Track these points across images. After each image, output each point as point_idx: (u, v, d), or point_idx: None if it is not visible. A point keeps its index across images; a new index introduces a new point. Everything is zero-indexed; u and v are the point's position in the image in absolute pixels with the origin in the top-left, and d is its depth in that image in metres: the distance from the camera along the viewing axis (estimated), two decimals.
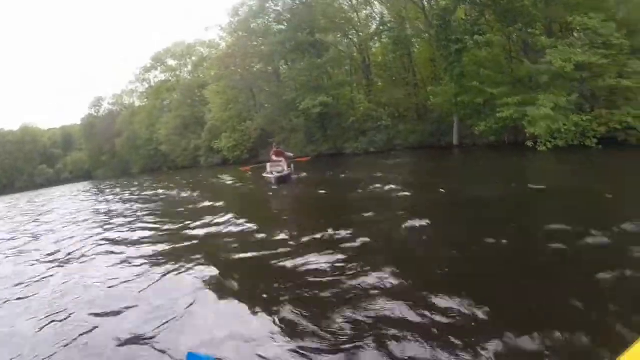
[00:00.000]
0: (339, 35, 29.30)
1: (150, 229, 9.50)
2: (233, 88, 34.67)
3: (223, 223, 8.68)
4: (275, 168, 14.40)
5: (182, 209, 12.33)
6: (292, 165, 15.08)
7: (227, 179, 20.70)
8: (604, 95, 18.31)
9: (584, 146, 15.99)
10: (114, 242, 8.59)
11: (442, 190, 9.36)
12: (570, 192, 7.92)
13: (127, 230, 9.81)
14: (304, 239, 6.41)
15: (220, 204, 12.17)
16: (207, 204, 12.43)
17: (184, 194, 16.68)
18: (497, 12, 22.46)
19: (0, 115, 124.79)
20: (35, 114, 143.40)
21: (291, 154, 16.39)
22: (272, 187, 13.58)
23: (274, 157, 15.21)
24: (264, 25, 32.09)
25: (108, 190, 27.59)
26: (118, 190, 26.47)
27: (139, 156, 54.23)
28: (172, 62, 51.29)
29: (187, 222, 9.34)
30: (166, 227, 9.52)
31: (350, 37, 28.79)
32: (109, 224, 11.37)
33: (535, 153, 16.41)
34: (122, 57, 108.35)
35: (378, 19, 27.61)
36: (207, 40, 46.85)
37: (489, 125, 20.17)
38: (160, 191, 20.33)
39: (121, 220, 11.84)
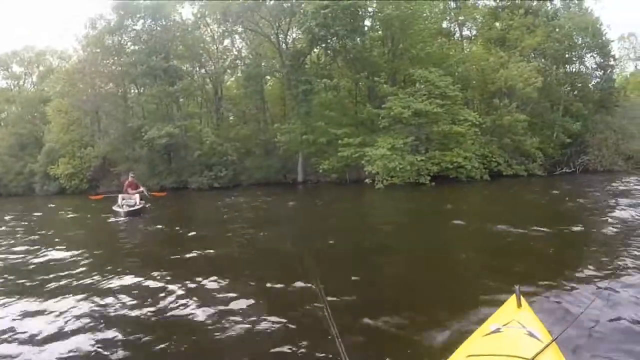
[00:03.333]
0: (194, 65, 28.00)
1: None
2: (78, 108, 30.87)
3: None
4: (128, 201, 12.78)
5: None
6: (145, 200, 13.41)
7: (67, 211, 17.63)
8: (438, 138, 20.24)
9: (419, 183, 17.63)
10: None
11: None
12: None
13: None
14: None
15: (56, 237, 10.06)
16: (38, 236, 10.26)
17: (14, 227, 13.50)
18: (347, 59, 23.58)
19: None
20: None
21: (143, 189, 14.32)
22: (120, 220, 11.92)
23: (128, 190, 13.35)
24: (119, 43, 29.52)
25: None
26: None
27: None
28: (17, 68, 44.43)
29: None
30: None
31: (205, 68, 27.70)
32: None
33: (373, 190, 17.40)
34: None
35: (235, 52, 27.12)
36: (58, 49, 41.68)
37: (331, 164, 20.91)
38: None
39: None
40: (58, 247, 8.29)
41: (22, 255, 7.71)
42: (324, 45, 23.77)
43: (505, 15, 26.87)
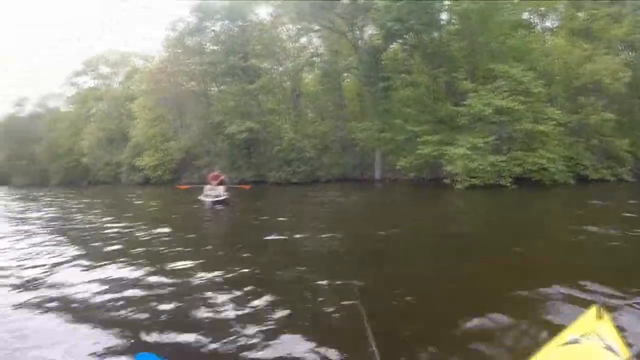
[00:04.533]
0: (272, 63, 29.10)
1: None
2: (161, 105, 33.20)
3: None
4: (213, 192, 13.80)
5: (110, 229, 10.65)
6: (229, 192, 14.43)
7: (153, 199, 19.54)
8: (520, 138, 19.47)
9: (500, 185, 16.74)
10: None
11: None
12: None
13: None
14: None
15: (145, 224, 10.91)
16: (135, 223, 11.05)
17: (110, 213, 15.04)
18: (425, 54, 23.35)
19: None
20: None
21: (226, 180, 15.49)
22: (207, 210, 12.93)
23: (213, 182, 14.53)
24: (199, 44, 31.27)
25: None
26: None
27: (60, 166, 50.18)
28: (104, 69, 48.55)
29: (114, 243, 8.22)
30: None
31: (283, 65, 28.66)
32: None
33: (452, 190, 16.83)
34: (53, 56, 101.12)
35: (312, 50, 27.81)
36: (142, 51, 45.02)
37: (409, 161, 20.64)
38: (81, 207, 18.43)
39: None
40: (151, 226, 9.35)
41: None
42: (400, 40, 23.77)
43: (589, 5, 25.41)
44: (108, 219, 12.05)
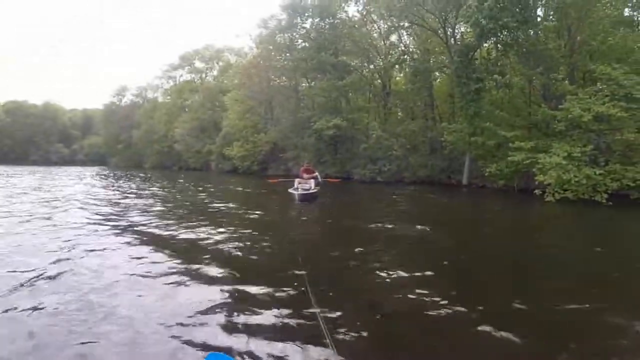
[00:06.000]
0: (362, 61, 29.44)
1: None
2: (252, 98, 35.02)
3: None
4: (303, 185, 14.22)
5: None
6: (319, 186, 14.76)
7: (244, 187, 20.90)
8: (620, 149, 17.80)
9: (593, 201, 15.44)
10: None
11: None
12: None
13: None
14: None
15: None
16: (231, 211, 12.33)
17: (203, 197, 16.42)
18: (520, 54, 22.29)
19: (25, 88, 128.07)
20: (59, 91, 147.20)
21: (317, 174, 15.94)
22: (296, 203, 13.24)
23: (304, 175, 15.03)
24: (290, 40, 32.44)
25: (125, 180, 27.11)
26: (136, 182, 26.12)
27: (153, 151, 54.99)
28: (199, 64, 52.30)
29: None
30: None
31: (374, 63, 28.85)
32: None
33: (542, 202, 15.89)
34: (148, 51, 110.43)
35: (402, 48, 27.67)
36: (235, 47, 47.88)
37: (499, 168, 19.88)
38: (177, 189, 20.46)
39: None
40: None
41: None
42: (493, 39, 22.86)
43: None
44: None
